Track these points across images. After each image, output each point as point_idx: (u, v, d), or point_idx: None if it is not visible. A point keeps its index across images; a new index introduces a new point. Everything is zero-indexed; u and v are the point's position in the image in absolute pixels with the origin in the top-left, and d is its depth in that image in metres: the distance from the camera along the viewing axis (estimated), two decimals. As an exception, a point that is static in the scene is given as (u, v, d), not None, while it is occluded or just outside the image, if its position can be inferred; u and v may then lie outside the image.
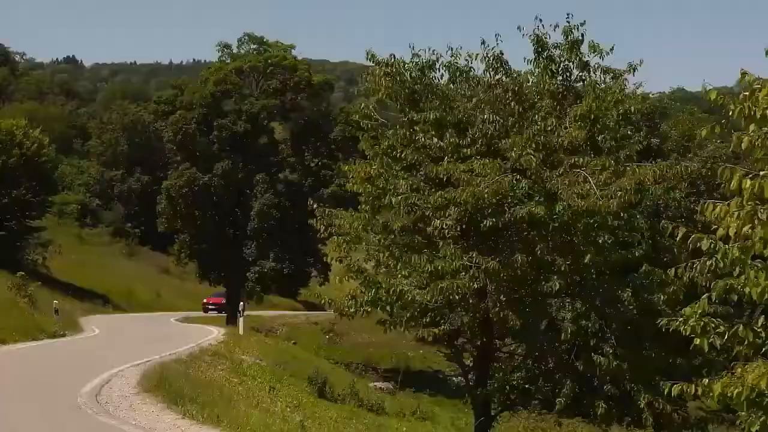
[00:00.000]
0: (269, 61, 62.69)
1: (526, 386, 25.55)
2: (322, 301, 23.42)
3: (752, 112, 9.00)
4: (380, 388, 38.83)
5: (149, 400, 15.13)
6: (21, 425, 12.27)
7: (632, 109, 22.01)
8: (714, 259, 9.42)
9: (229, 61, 64.12)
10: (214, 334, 35.86)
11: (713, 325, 9.79)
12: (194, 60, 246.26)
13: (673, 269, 10.14)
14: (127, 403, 14.76)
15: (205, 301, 67.23)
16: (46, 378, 18.10)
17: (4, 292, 36.17)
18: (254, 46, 65.12)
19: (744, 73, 9.26)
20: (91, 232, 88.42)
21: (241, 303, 44.40)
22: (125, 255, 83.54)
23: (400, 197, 20.40)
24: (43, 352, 24.78)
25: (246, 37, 65.31)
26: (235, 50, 64.97)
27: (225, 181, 59.70)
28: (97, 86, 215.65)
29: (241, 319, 38.91)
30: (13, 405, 13.82)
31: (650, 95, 37.58)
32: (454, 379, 43.93)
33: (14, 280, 38.53)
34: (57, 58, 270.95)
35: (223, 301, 63.70)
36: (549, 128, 20.32)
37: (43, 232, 64.46)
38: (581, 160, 19.96)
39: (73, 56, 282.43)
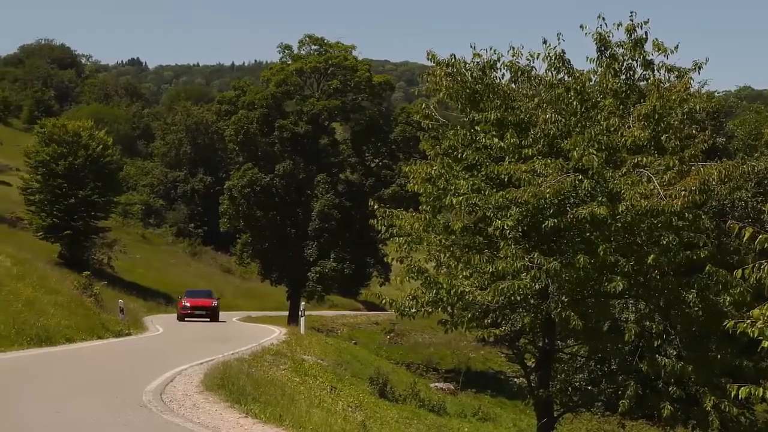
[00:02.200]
0: (330, 61, 62.87)
1: (589, 388, 25.40)
2: (383, 302, 23.40)
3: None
4: (441, 388, 38.89)
5: (212, 399, 15.26)
6: (88, 422, 12.47)
7: (697, 107, 21.72)
8: (782, 260, 9.28)
9: (290, 62, 64.44)
10: (275, 333, 36.12)
11: (782, 327, 9.65)
12: (256, 61, 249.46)
13: (740, 270, 10.01)
14: (191, 402, 14.91)
15: (187, 304, 46.29)
16: (112, 376, 18.37)
17: (71, 291, 36.77)
18: (315, 47, 65.35)
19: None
20: (154, 232, 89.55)
21: (302, 303, 44.63)
22: (188, 255, 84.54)
23: (460, 197, 20.33)
24: (108, 351, 25.15)
25: (307, 38, 65.54)
26: (295, 51, 65.27)
27: (286, 182, 60.06)
28: (160, 88, 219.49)
29: (302, 319, 39.18)
30: (81, 402, 14.05)
31: (716, 94, 37.09)
32: (515, 380, 43.80)
33: (80, 280, 39.21)
34: (121, 60, 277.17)
35: (214, 303, 46.71)
36: (612, 128, 20.14)
37: (108, 232, 65.41)
38: (644, 159, 19.76)
39: (138, 58, 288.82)
